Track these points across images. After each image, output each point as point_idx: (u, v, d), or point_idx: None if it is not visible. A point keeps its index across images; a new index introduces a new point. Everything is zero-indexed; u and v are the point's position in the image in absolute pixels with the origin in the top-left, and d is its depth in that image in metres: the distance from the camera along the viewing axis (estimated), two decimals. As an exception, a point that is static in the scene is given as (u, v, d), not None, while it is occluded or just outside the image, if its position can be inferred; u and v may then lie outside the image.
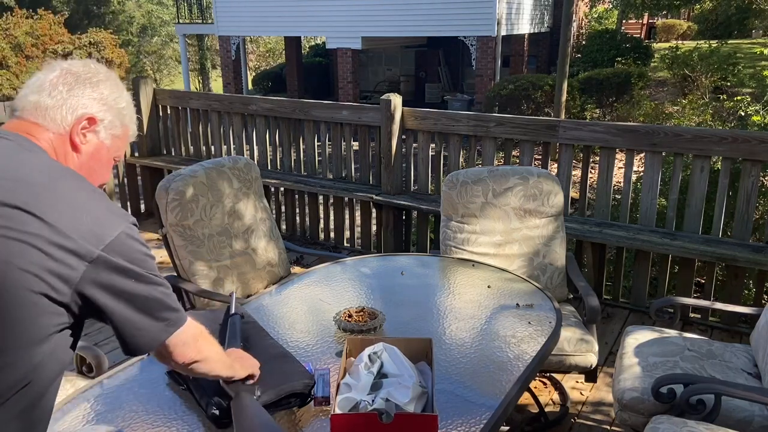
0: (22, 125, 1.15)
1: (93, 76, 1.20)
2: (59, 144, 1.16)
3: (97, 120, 1.19)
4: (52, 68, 1.19)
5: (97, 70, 1.22)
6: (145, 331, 1.13)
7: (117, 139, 1.25)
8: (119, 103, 1.24)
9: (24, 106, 1.16)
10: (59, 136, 1.16)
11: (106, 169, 1.26)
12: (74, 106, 1.17)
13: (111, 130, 1.22)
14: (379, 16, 14.21)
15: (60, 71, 1.18)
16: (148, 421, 1.58)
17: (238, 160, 2.97)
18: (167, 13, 26.91)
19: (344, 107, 4.65)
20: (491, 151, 4.11)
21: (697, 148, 3.48)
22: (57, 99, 1.16)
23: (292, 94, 17.32)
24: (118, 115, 1.23)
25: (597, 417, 2.80)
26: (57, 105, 1.15)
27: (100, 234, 1.05)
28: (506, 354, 1.91)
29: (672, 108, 11.61)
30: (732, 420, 2.04)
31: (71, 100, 1.16)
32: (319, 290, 2.40)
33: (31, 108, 1.15)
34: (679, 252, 3.46)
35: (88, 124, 1.18)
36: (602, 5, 22.44)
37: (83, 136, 1.19)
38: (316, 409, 1.62)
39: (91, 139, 1.20)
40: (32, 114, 1.15)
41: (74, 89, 1.17)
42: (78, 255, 1.02)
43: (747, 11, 20.03)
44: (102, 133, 1.21)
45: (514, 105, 11.47)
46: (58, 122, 1.15)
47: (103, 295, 1.06)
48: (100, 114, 1.20)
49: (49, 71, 1.19)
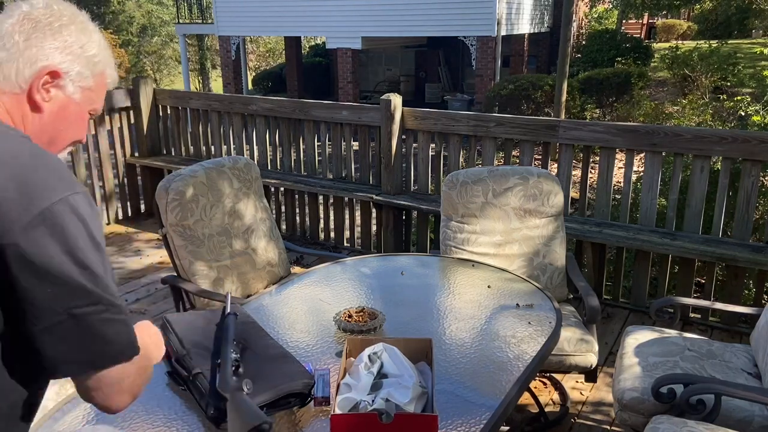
0: None
1: (55, 20, 1.02)
2: (14, 104, 1.00)
3: (60, 73, 1.02)
4: (10, 13, 1.02)
5: (60, 12, 1.04)
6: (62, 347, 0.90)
7: (89, 92, 1.07)
8: (88, 49, 1.05)
9: None
10: (14, 96, 1.00)
11: (78, 126, 1.09)
12: (32, 57, 0.99)
13: (80, 82, 1.05)
14: (379, 16, 14.21)
15: (17, 17, 1.01)
16: (148, 421, 1.58)
17: (238, 160, 2.97)
18: (167, 13, 26.91)
19: (344, 107, 4.65)
20: (491, 151, 4.11)
21: (697, 148, 3.48)
22: (12, 51, 0.99)
23: (292, 94, 17.32)
24: (88, 64, 1.05)
25: (597, 417, 2.80)
26: (11, 58, 0.99)
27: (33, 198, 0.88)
28: (506, 354, 1.91)
29: (672, 108, 11.61)
30: (732, 420, 2.04)
31: (28, 51, 0.99)
32: (319, 290, 2.40)
33: None
34: (679, 252, 3.46)
35: (50, 79, 1.02)
36: (602, 5, 22.44)
37: (45, 92, 1.02)
38: (316, 409, 1.62)
39: (55, 96, 1.03)
40: None
41: (32, 38, 1.00)
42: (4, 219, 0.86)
43: (747, 11, 20.03)
44: (69, 87, 1.04)
45: (514, 105, 11.47)
46: (12, 79, 0.99)
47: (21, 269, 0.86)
48: (65, 65, 1.02)
49: (6, 17, 1.01)
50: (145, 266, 4.54)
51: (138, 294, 4.08)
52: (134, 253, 4.80)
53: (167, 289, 3.18)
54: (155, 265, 4.53)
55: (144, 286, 4.20)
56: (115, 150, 5.44)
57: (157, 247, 4.84)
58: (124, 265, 4.55)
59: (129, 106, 5.39)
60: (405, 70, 18.58)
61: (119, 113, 5.36)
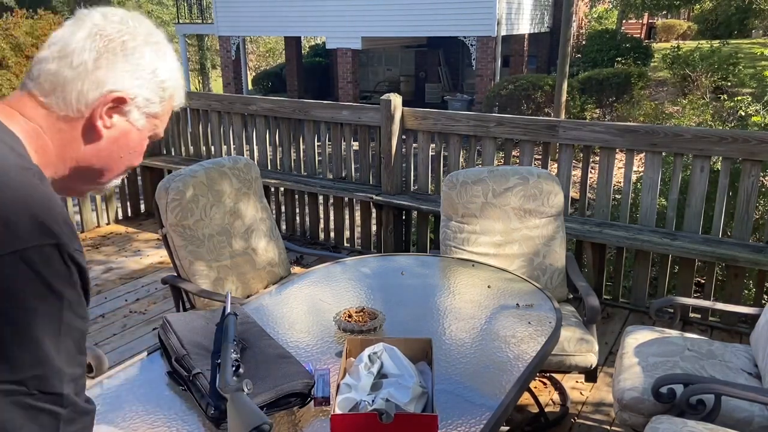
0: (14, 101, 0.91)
1: (130, 39, 0.93)
2: (61, 129, 0.91)
3: (127, 99, 0.94)
4: (81, 23, 0.92)
5: (135, 29, 0.95)
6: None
7: (153, 118, 0.99)
8: (160, 74, 0.97)
9: (39, 74, 0.91)
10: (66, 120, 0.91)
11: (135, 152, 1.00)
12: (100, 80, 0.91)
13: (145, 108, 0.96)
14: (379, 16, 14.21)
15: (89, 31, 0.91)
16: (148, 421, 1.58)
17: (238, 160, 2.97)
18: (167, 13, 26.90)
19: (344, 107, 4.65)
20: (491, 151, 4.11)
21: (697, 148, 3.48)
22: (79, 71, 0.90)
23: (292, 94, 17.32)
24: (157, 90, 0.97)
25: (597, 417, 2.80)
26: (77, 77, 0.90)
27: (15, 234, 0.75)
28: (506, 354, 1.91)
29: (672, 108, 11.62)
30: (732, 420, 2.04)
31: (97, 72, 0.90)
32: (319, 290, 2.40)
33: (44, 80, 0.90)
34: (679, 252, 3.46)
35: (115, 104, 0.93)
36: (602, 5, 22.44)
37: (107, 117, 0.93)
38: (316, 409, 1.62)
39: (117, 122, 0.94)
40: (43, 89, 0.90)
41: (103, 57, 0.91)
42: None
43: (747, 11, 20.04)
44: (133, 114, 0.96)
45: (514, 105, 11.47)
46: (71, 102, 0.90)
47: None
48: (133, 91, 0.94)
49: (77, 27, 0.92)
50: (145, 266, 4.54)
51: (138, 294, 4.08)
52: (134, 253, 4.80)
53: (167, 289, 3.18)
54: (155, 265, 4.53)
55: (144, 286, 4.20)
56: (115, 150, 5.42)
57: (157, 247, 4.84)
58: (124, 265, 4.55)
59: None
60: (405, 70, 18.58)
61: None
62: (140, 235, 5.18)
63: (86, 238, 5.10)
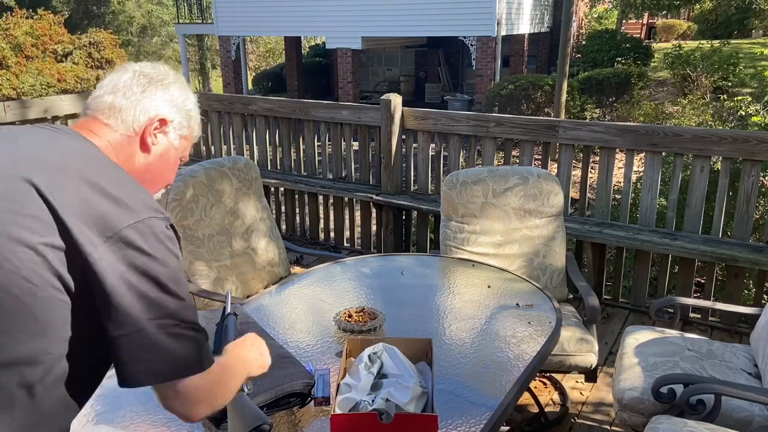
0: (87, 123, 1.17)
1: (164, 78, 1.23)
2: (123, 144, 1.17)
3: (167, 121, 1.22)
4: (125, 70, 1.22)
5: (166, 72, 1.25)
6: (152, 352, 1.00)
7: (184, 140, 1.27)
8: (187, 104, 1.27)
9: (97, 106, 1.18)
10: (126, 137, 1.17)
11: (172, 169, 1.28)
12: (147, 107, 1.19)
13: (179, 131, 1.25)
14: (379, 16, 14.21)
15: (133, 73, 1.21)
16: (148, 421, 1.58)
17: (238, 160, 2.97)
18: (167, 13, 26.92)
19: (344, 107, 4.65)
20: (491, 151, 4.11)
21: (697, 148, 3.48)
22: (131, 100, 1.18)
23: (292, 94, 17.32)
24: (186, 116, 1.26)
25: (597, 417, 2.80)
26: (131, 106, 1.18)
27: (121, 216, 1.00)
28: (506, 354, 1.91)
29: (672, 108, 11.62)
30: (732, 420, 2.04)
31: (144, 101, 1.19)
32: (319, 290, 2.40)
33: (104, 108, 1.17)
34: (679, 252, 3.46)
35: (159, 125, 1.21)
36: (602, 5, 22.44)
37: (154, 136, 1.20)
38: (316, 409, 1.62)
39: (161, 140, 1.22)
40: (103, 113, 1.17)
41: (147, 91, 1.20)
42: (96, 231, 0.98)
43: (747, 11, 20.04)
44: (171, 134, 1.23)
45: (514, 105, 11.47)
46: (129, 123, 1.17)
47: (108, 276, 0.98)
48: (171, 115, 1.22)
49: (121, 73, 1.21)
50: (145, 266, 4.53)
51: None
52: (134, 253, 4.79)
53: (167, 289, 3.17)
54: (155, 265, 4.53)
55: (144, 286, 4.19)
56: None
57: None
58: (124, 265, 4.54)
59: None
60: (405, 70, 18.58)
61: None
62: (140, 235, 5.17)
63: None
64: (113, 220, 0.99)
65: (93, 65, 16.36)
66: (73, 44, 15.79)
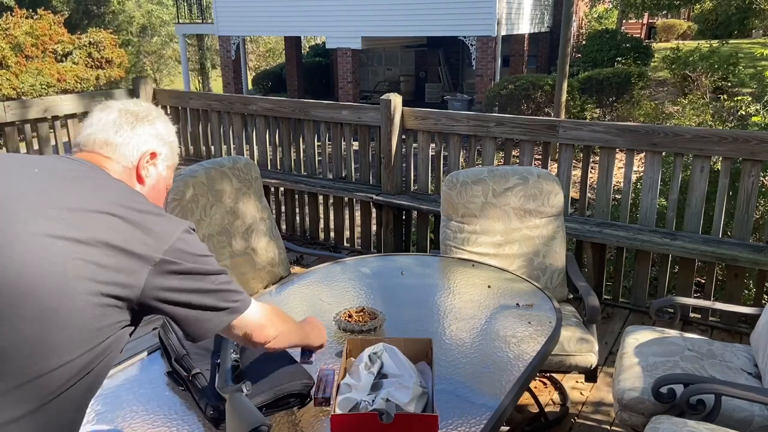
0: (94, 157, 1.25)
1: (148, 114, 1.33)
2: (126, 176, 1.28)
3: (157, 154, 1.32)
4: (110, 109, 1.31)
5: (148, 108, 1.35)
6: (206, 321, 1.21)
7: (169, 170, 1.38)
8: (170, 137, 1.37)
9: (93, 142, 1.26)
10: (126, 169, 1.28)
11: (161, 197, 1.39)
12: (138, 143, 1.29)
13: (167, 161, 1.36)
14: (379, 16, 14.21)
15: (119, 112, 1.30)
16: (148, 421, 1.58)
17: (238, 160, 2.97)
18: (167, 13, 26.90)
19: (344, 107, 4.65)
20: (491, 151, 4.11)
21: (697, 148, 3.48)
22: (124, 137, 1.28)
23: (292, 94, 17.32)
24: (171, 148, 1.37)
25: (597, 417, 2.80)
26: (125, 142, 1.27)
27: (162, 238, 1.13)
28: (506, 354, 1.91)
29: (672, 108, 11.62)
30: (732, 420, 2.04)
31: (135, 138, 1.29)
32: (319, 290, 2.40)
33: (101, 144, 1.26)
34: (679, 252, 3.46)
35: (150, 158, 1.31)
36: (602, 5, 22.44)
37: (147, 169, 1.31)
38: (316, 409, 1.62)
39: (152, 172, 1.32)
40: (103, 148, 1.26)
41: (137, 127, 1.30)
42: (142, 259, 1.09)
43: (747, 11, 20.04)
44: (160, 165, 1.34)
45: (514, 105, 11.47)
46: (127, 157, 1.27)
47: (166, 297, 1.13)
48: (159, 148, 1.32)
49: (108, 112, 1.30)
50: (145, 266, 4.53)
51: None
52: (134, 253, 4.79)
53: (167, 289, 3.17)
54: (155, 265, 4.52)
55: (144, 286, 4.19)
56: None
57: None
58: (124, 265, 4.54)
59: (129, 106, 5.39)
60: (405, 70, 18.58)
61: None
62: (140, 235, 5.17)
63: (86, 238, 5.09)
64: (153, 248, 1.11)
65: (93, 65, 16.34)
66: (73, 44, 15.78)
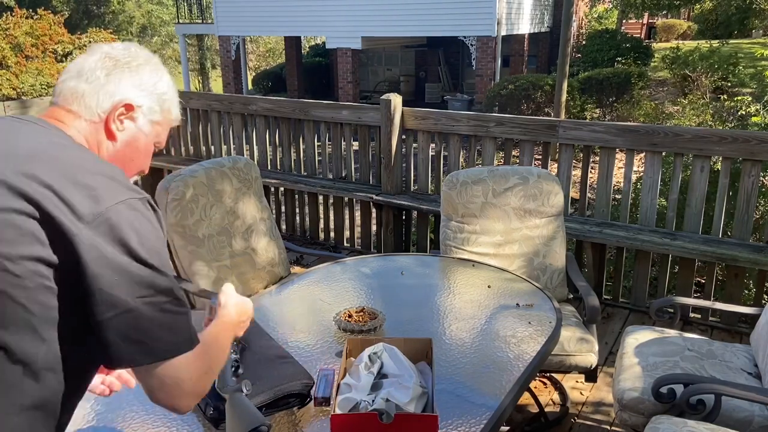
0: (54, 112, 1.12)
1: (132, 60, 1.16)
2: (91, 132, 1.12)
3: (134, 106, 1.15)
4: (93, 52, 1.16)
5: (137, 53, 1.18)
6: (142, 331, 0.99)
7: (156, 125, 1.20)
8: (159, 87, 1.19)
9: (61, 91, 1.13)
10: (92, 124, 1.12)
11: (144, 157, 1.21)
12: (112, 91, 1.13)
13: (150, 116, 1.18)
14: (379, 16, 14.21)
15: (100, 55, 1.15)
16: (148, 421, 1.58)
17: (238, 160, 2.97)
18: (167, 13, 26.92)
19: (344, 107, 4.65)
20: (491, 151, 4.11)
21: (697, 148, 3.48)
22: (94, 84, 1.12)
23: (292, 94, 17.32)
24: (158, 101, 1.19)
25: (597, 417, 2.80)
26: (94, 90, 1.12)
27: (99, 199, 0.98)
28: (506, 354, 1.91)
29: (672, 108, 11.62)
30: (732, 420, 2.04)
31: (109, 86, 1.12)
32: (319, 290, 2.40)
33: (67, 94, 1.12)
34: (679, 252, 3.46)
35: (125, 111, 1.14)
36: (602, 5, 22.44)
37: (120, 122, 1.14)
38: (316, 409, 1.62)
39: (128, 126, 1.15)
40: (67, 100, 1.12)
41: (113, 74, 1.13)
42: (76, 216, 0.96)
43: (747, 11, 20.04)
44: (140, 120, 1.16)
45: (514, 105, 11.47)
46: (93, 108, 1.12)
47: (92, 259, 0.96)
48: (138, 100, 1.15)
49: (89, 55, 1.15)
50: (145, 266, 4.53)
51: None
52: (134, 253, 4.79)
53: (167, 289, 3.17)
54: (155, 265, 4.52)
55: (144, 286, 4.19)
56: (115, 150, 5.43)
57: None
58: (124, 265, 4.54)
59: (129, 106, 5.40)
60: (405, 70, 18.58)
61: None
62: (140, 235, 5.17)
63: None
64: (91, 206, 0.97)
65: (93, 65, 16.29)
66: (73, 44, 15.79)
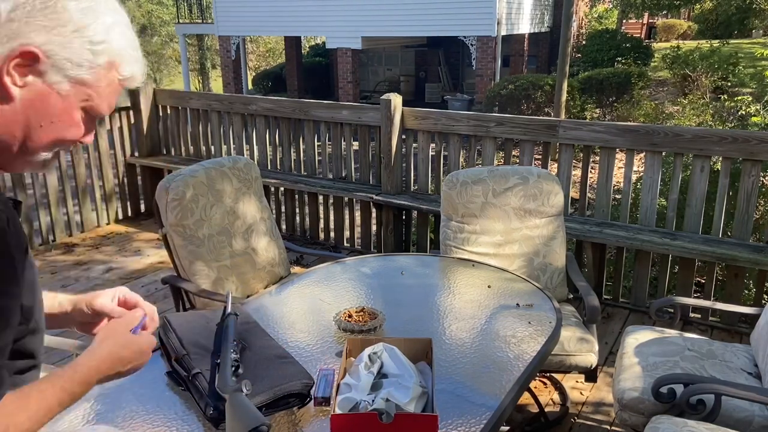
0: None
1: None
2: None
3: (39, 55, 0.83)
4: None
5: None
6: None
7: (82, 86, 0.88)
8: (88, 33, 0.86)
9: None
10: None
11: (63, 123, 0.89)
12: (11, 33, 0.81)
13: (70, 71, 0.86)
14: (379, 16, 14.21)
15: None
16: (148, 421, 1.58)
17: (238, 160, 2.97)
18: (167, 13, 26.90)
19: (344, 107, 4.65)
20: (491, 151, 4.11)
21: (697, 148, 3.48)
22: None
23: (292, 94, 17.32)
24: (83, 51, 0.86)
25: (597, 417, 2.80)
26: None
27: None
28: (506, 354, 1.91)
29: (672, 108, 11.62)
30: (732, 420, 2.04)
31: (9, 25, 0.81)
32: (319, 290, 2.40)
33: None
34: (679, 252, 3.46)
35: (25, 61, 0.83)
36: (602, 5, 22.44)
37: (19, 76, 0.84)
38: (316, 409, 1.62)
39: (32, 82, 0.85)
40: None
41: (18, 10, 0.82)
42: None
43: (747, 11, 20.05)
44: (50, 75, 0.85)
45: (514, 105, 11.47)
46: None
47: None
48: (48, 47, 0.83)
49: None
50: (145, 266, 4.54)
51: (138, 294, 4.07)
52: (134, 253, 4.80)
53: (167, 289, 3.17)
54: (155, 265, 4.53)
55: (144, 286, 4.20)
56: (115, 150, 5.44)
57: (157, 247, 4.84)
58: (124, 265, 4.55)
59: (129, 105, 5.40)
60: (405, 70, 18.57)
61: (119, 113, 5.36)
62: (140, 235, 5.18)
63: (86, 238, 5.10)
64: None
65: (93, 65, 16.27)
66: (73, 44, 15.72)
